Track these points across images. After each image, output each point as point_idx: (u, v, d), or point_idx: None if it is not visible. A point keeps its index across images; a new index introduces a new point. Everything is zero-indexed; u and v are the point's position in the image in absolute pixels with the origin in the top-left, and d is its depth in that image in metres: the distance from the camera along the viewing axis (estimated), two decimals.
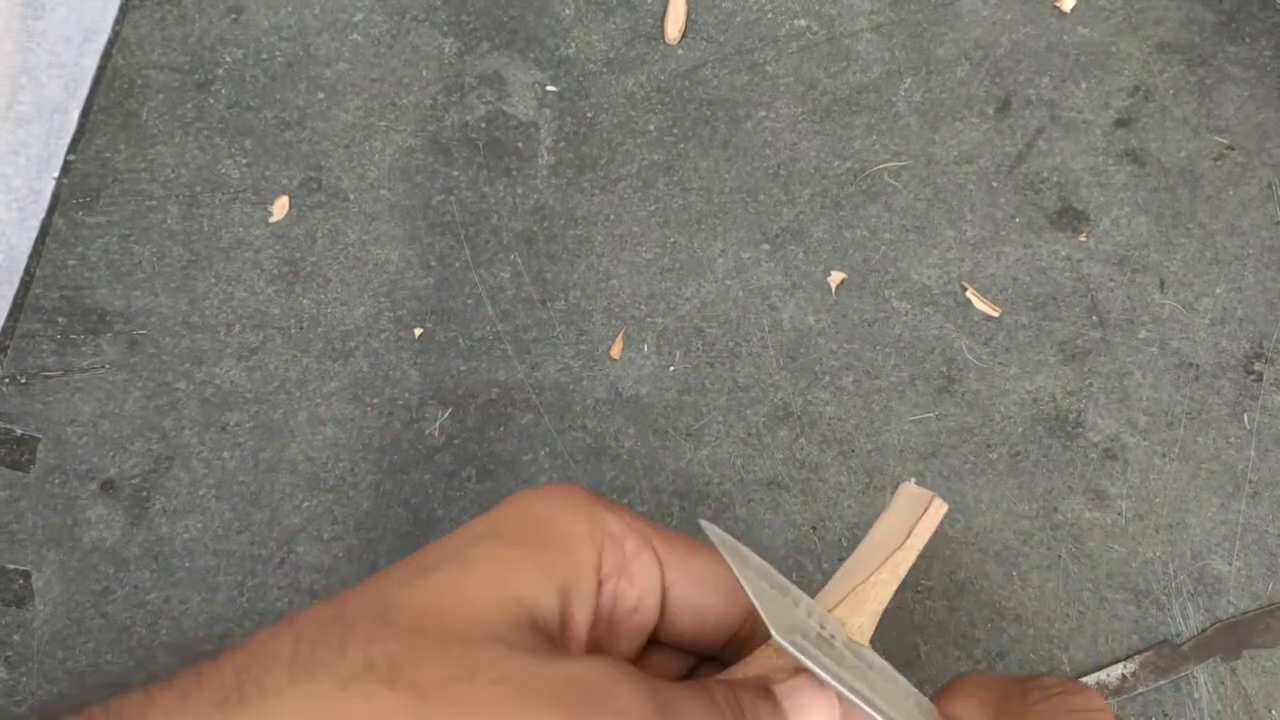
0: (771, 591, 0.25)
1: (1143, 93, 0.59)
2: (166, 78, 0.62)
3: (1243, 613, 0.49)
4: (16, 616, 0.51)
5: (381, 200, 0.59)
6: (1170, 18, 0.60)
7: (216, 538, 0.52)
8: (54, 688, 0.50)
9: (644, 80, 0.61)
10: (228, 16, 0.63)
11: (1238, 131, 0.57)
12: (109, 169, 0.60)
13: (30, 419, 0.55)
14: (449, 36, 0.62)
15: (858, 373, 0.54)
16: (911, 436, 0.52)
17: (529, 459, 0.53)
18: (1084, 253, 0.55)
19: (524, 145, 0.59)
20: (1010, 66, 0.60)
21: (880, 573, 0.27)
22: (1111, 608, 0.49)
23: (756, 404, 0.53)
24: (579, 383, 0.54)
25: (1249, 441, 0.51)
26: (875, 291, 0.55)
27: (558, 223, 0.58)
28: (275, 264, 0.57)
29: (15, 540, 0.52)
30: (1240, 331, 0.53)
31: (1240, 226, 0.55)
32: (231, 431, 0.54)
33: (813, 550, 0.51)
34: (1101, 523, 0.50)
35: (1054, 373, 0.53)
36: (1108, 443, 0.52)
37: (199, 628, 0.51)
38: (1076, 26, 0.60)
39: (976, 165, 0.58)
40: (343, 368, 0.55)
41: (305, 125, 0.60)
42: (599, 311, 0.56)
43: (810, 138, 0.59)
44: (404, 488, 0.53)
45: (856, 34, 0.61)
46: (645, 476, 0.52)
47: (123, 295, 0.57)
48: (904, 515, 0.28)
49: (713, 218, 0.57)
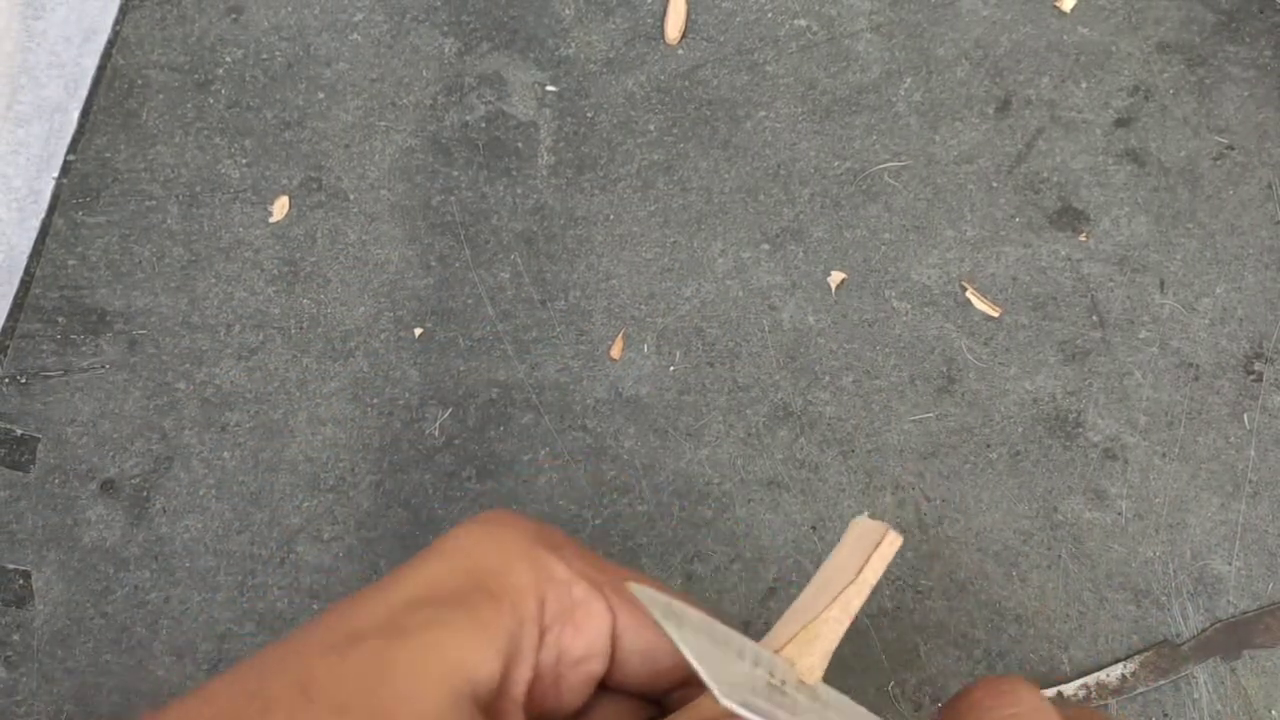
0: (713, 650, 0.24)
1: (1143, 93, 0.59)
2: (166, 78, 0.62)
3: (1243, 613, 0.49)
4: (16, 616, 0.51)
5: (381, 200, 0.59)
6: (1170, 18, 0.60)
7: (216, 538, 0.52)
8: (54, 688, 0.50)
9: (644, 80, 0.61)
10: (228, 16, 0.63)
11: (1238, 131, 0.57)
12: (109, 169, 0.60)
13: (30, 419, 0.55)
14: (449, 36, 0.62)
15: (858, 373, 0.54)
16: (911, 436, 0.52)
17: (529, 459, 0.53)
18: (1084, 253, 0.55)
19: (524, 145, 0.59)
20: (1010, 66, 0.60)
21: (831, 609, 0.26)
22: (1111, 608, 0.49)
23: (756, 404, 0.53)
24: (579, 383, 0.54)
25: (1249, 441, 0.51)
26: (875, 291, 0.55)
27: (558, 223, 0.58)
28: (275, 264, 0.57)
29: (15, 540, 0.52)
30: (1240, 331, 0.53)
31: (1240, 226, 0.55)
32: (231, 431, 0.54)
33: (813, 550, 0.51)
34: (1101, 523, 0.50)
35: (1054, 373, 0.53)
36: (1108, 443, 0.52)
37: (199, 628, 0.51)
38: (1076, 26, 0.60)
39: (976, 165, 0.58)
40: (343, 368, 0.55)
41: (305, 125, 0.60)
42: (599, 311, 0.56)
43: (810, 138, 0.59)
44: (404, 488, 0.53)
45: (856, 34, 0.61)
46: (645, 476, 0.52)
47: (123, 295, 0.57)
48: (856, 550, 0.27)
49: (713, 218, 0.57)
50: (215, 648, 0.50)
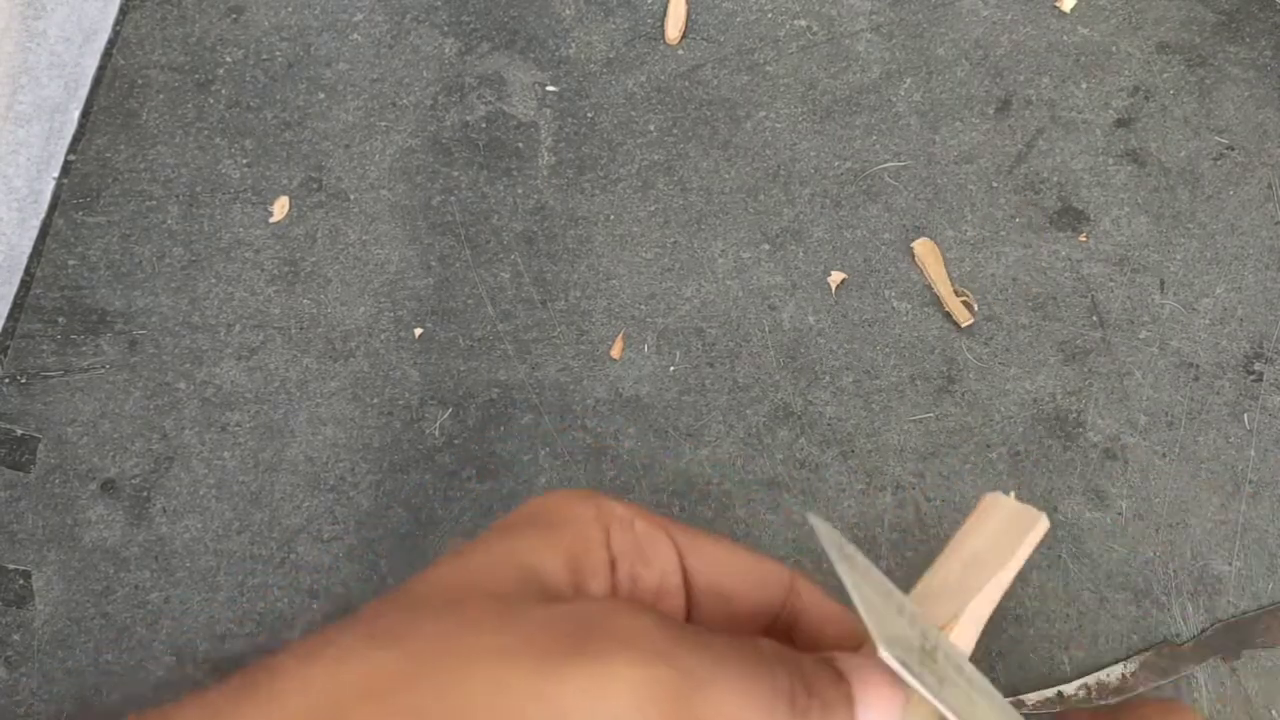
0: (877, 600, 0.24)
1: (1143, 93, 0.59)
2: (167, 78, 0.62)
3: (1243, 613, 0.49)
4: (16, 616, 0.51)
5: (382, 200, 0.59)
6: (1170, 18, 0.60)
7: (217, 538, 0.52)
8: (54, 688, 0.50)
9: (644, 80, 0.61)
10: (228, 16, 0.63)
11: (1238, 131, 0.57)
12: (109, 169, 0.60)
13: (30, 419, 0.55)
14: (449, 37, 0.62)
15: (858, 373, 0.54)
16: (911, 436, 0.52)
17: (529, 459, 0.53)
18: (1084, 253, 0.55)
19: (524, 145, 0.59)
20: (1010, 66, 0.60)
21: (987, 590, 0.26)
22: (1111, 608, 0.49)
23: (756, 404, 0.53)
24: (579, 383, 0.54)
25: (1249, 441, 0.51)
26: (875, 291, 0.55)
27: (558, 223, 0.58)
28: (275, 264, 0.57)
29: (15, 540, 0.52)
30: (1240, 331, 0.53)
31: (1240, 226, 0.55)
32: (231, 431, 0.54)
33: (813, 550, 0.51)
34: (1101, 523, 0.50)
35: (1054, 373, 0.53)
36: (1108, 443, 0.52)
37: (199, 628, 0.51)
38: (1076, 26, 0.60)
39: (976, 165, 0.58)
40: (343, 368, 0.55)
41: (305, 125, 0.60)
42: (599, 311, 0.56)
43: (810, 138, 0.59)
44: (404, 488, 0.53)
45: (856, 34, 0.61)
46: (645, 476, 0.52)
47: (123, 295, 0.57)
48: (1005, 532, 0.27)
49: (713, 218, 0.57)
50: (215, 648, 0.50)
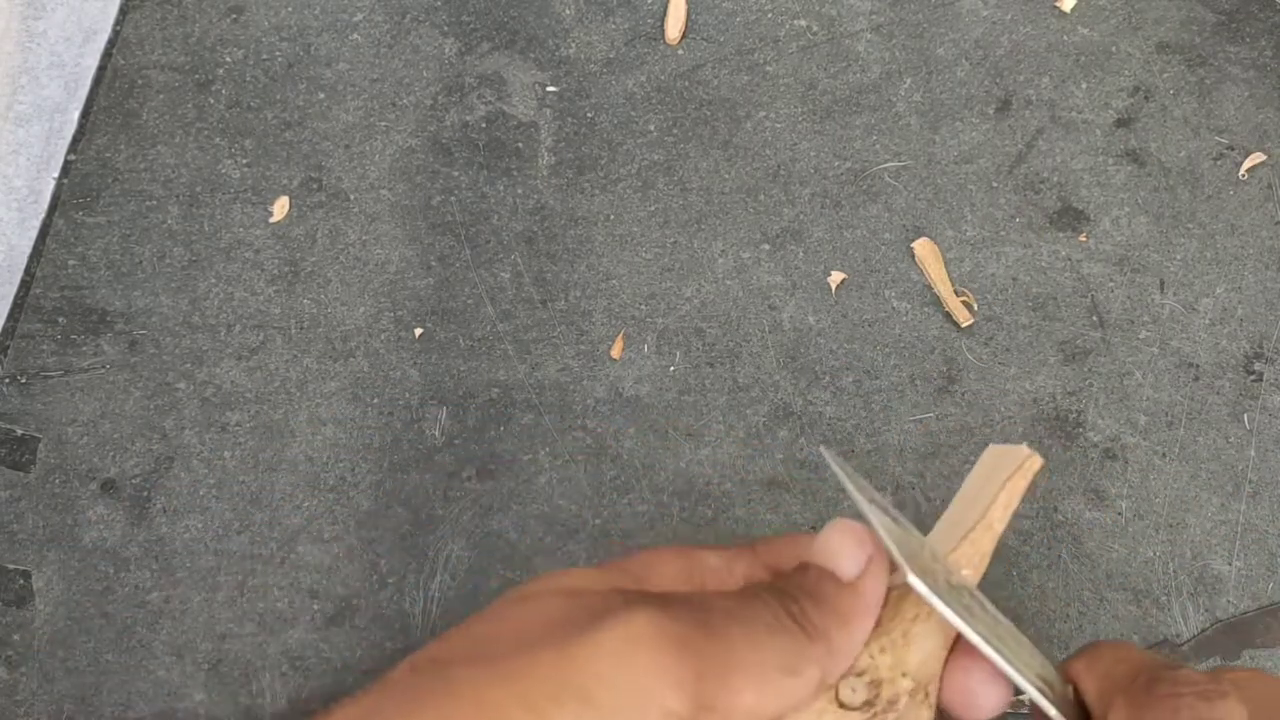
0: (898, 530, 0.25)
1: (1143, 93, 0.59)
2: (167, 78, 0.62)
3: (1243, 613, 0.49)
4: (17, 616, 0.51)
5: (382, 200, 0.59)
6: (1170, 18, 0.60)
7: (217, 538, 0.52)
8: (54, 687, 0.50)
9: (644, 80, 0.61)
10: (228, 16, 0.63)
11: (1238, 131, 0.57)
12: (109, 169, 0.60)
13: (30, 419, 0.55)
14: (449, 37, 0.62)
15: (858, 373, 0.54)
16: (911, 436, 0.52)
17: (529, 459, 0.53)
18: (1084, 253, 0.55)
19: (524, 145, 0.59)
20: (1010, 66, 0.60)
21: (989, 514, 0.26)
22: (1111, 608, 0.49)
23: (756, 404, 0.53)
24: (579, 383, 0.54)
25: (1249, 441, 0.51)
26: (875, 291, 0.55)
27: (558, 223, 0.58)
28: (275, 264, 0.57)
29: (15, 540, 0.52)
30: (1240, 331, 0.53)
31: (1240, 226, 0.55)
32: (232, 431, 0.54)
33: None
34: (1101, 523, 0.50)
35: (1054, 373, 0.53)
36: (1108, 443, 0.52)
37: (199, 628, 0.51)
38: (1076, 26, 0.60)
39: (976, 165, 0.58)
40: (343, 368, 0.55)
41: (305, 125, 0.60)
42: (599, 311, 0.56)
43: (810, 138, 0.59)
44: (404, 488, 0.53)
45: (856, 34, 0.61)
46: (645, 476, 0.52)
47: (123, 295, 0.57)
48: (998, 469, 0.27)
49: (713, 218, 0.57)
50: (215, 648, 0.50)
